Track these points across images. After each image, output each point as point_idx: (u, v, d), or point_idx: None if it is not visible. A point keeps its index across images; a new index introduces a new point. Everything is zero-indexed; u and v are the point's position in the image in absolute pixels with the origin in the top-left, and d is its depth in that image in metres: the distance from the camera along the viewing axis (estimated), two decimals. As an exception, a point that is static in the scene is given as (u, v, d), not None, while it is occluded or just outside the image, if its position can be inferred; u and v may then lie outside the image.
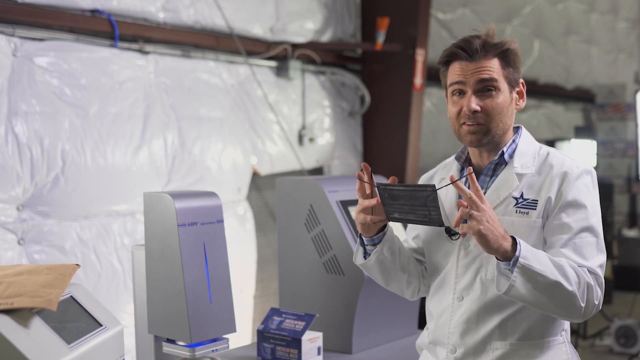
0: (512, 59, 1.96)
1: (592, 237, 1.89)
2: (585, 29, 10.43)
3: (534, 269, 1.76)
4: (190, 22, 4.65)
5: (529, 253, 1.78)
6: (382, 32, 5.52)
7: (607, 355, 6.30)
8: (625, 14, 11.73)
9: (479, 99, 1.92)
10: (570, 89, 10.07)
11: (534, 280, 1.77)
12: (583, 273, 1.84)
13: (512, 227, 1.90)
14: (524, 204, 1.91)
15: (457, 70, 1.95)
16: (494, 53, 1.93)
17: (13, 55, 3.70)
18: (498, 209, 1.93)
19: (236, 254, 4.87)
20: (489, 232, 1.75)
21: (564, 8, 9.84)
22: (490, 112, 1.92)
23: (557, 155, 1.98)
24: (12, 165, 3.65)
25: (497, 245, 1.76)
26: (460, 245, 1.98)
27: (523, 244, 1.79)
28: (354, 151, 6.05)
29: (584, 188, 1.92)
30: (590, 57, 10.60)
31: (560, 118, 9.93)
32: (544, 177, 1.94)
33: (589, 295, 1.83)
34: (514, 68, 1.97)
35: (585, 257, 1.86)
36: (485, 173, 2.01)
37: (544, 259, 1.80)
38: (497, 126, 1.94)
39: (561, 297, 1.80)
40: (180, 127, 4.56)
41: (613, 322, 6.25)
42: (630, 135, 10.08)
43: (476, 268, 1.95)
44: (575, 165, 1.94)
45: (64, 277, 1.97)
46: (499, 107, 1.93)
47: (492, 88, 1.93)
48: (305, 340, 2.52)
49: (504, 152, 1.98)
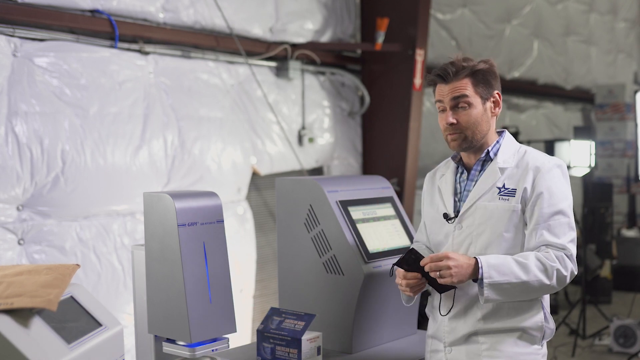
0: (481, 77, 2.36)
1: (563, 218, 2.30)
2: (584, 29, 10.44)
3: (498, 282, 2.21)
4: (190, 22, 4.65)
5: (492, 269, 2.21)
6: (381, 32, 5.52)
7: (606, 355, 6.30)
8: (625, 14, 11.73)
9: (454, 114, 2.35)
10: (570, 89, 10.08)
11: (502, 288, 2.22)
12: (548, 258, 2.23)
13: (496, 210, 2.32)
14: (505, 192, 2.34)
15: (438, 92, 2.39)
16: (464, 75, 2.34)
17: (13, 56, 3.70)
18: (485, 196, 2.35)
19: (236, 254, 4.87)
20: (458, 275, 2.21)
21: (564, 8, 9.85)
22: (465, 124, 2.34)
23: (533, 153, 2.40)
24: (12, 165, 3.65)
25: (468, 276, 2.23)
26: (455, 225, 2.39)
27: (484, 263, 2.21)
28: (354, 151, 6.06)
29: (555, 179, 2.32)
30: (589, 57, 10.61)
31: (559, 118, 9.93)
32: (522, 170, 2.35)
33: (558, 273, 2.23)
34: (484, 84, 2.36)
35: (558, 235, 2.28)
36: (475, 168, 2.42)
37: (507, 266, 2.22)
38: (473, 133, 2.35)
39: (531, 288, 2.24)
40: (180, 127, 4.56)
41: (612, 322, 6.26)
42: (630, 136, 10.08)
43: (467, 244, 2.36)
44: (547, 160, 2.35)
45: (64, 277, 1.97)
46: (472, 118, 2.35)
47: (464, 104, 2.34)
48: (305, 340, 2.52)
49: (489, 151, 2.40)
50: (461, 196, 2.42)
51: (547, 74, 9.35)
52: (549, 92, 9.53)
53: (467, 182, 2.42)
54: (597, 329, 6.74)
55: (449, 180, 2.45)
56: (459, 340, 2.36)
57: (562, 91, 9.90)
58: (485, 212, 2.33)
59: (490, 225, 2.32)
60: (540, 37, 9.18)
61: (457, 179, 2.46)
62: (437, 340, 2.43)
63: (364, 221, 2.88)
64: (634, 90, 10.16)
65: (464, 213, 2.37)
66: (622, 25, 11.69)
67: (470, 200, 2.37)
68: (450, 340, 2.38)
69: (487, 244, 2.32)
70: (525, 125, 8.76)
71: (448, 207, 2.42)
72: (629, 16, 11.89)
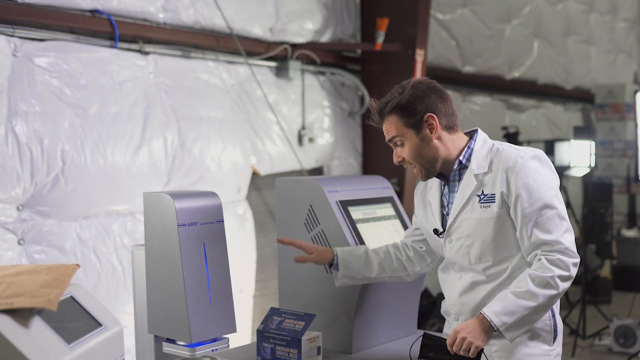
0: (406, 109, 2.29)
1: (550, 211, 2.21)
2: (584, 29, 10.44)
3: (512, 322, 2.17)
4: (190, 22, 4.65)
5: (501, 315, 2.17)
6: (381, 32, 5.52)
7: (606, 355, 6.30)
8: (625, 14, 11.73)
9: (398, 152, 2.36)
10: (570, 89, 10.08)
11: (519, 324, 2.19)
12: (542, 270, 2.17)
13: (480, 220, 2.28)
14: (485, 199, 2.27)
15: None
16: (387, 113, 2.32)
17: (13, 56, 3.70)
18: (467, 207, 2.30)
19: (236, 254, 4.87)
20: (476, 337, 2.15)
21: (563, 8, 9.85)
22: (408, 158, 2.34)
23: (505, 150, 2.29)
24: (12, 165, 3.65)
25: (485, 331, 2.17)
26: (446, 240, 2.38)
27: (491, 315, 2.17)
28: (354, 151, 6.06)
29: (532, 172, 2.22)
30: (589, 57, 10.61)
31: (559, 118, 9.93)
32: (495, 173, 2.27)
33: (560, 278, 2.18)
34: (410, 115, 2.29)
35: (550, 230, 2.20)
36: (453, 179, 2.37)
37: (513, 303, 2.17)
38: (423, 162, 2.32)
39: (544, 306, 2.21)
40: (180, 127, 4.56)
41: (612, 322, 6.26)
42: (630, 136, 10.08)
43: (462, 255, 2.34)
44: (520, 156, 2.24)
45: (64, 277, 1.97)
46: (412, 151, 2.32)
47: (399, 142, 2.35)
48: (304, 340, 2.52)
49: (461, 161, 2.33)
50: (448, 209, 2.40)
51: (547, 74, 9.35)
52: (549, 92, 9.52)
53: (450, 194, 2.40)
54: (597, 329, 6.74)
55: (435, 194, 2.44)
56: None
57: (562, 91, 9.90)
58: (470, 223, 2.30)
59: (478, 235, 2.29)
60: (540, 37, 9.18)
61: (442, 191, 2.44)
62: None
63: (364, 221, 2.88)
64: (634, 90, 10.16)
65: (450, 227, 2.36)
66: (622, 25, 11.69)
67: (453, 214, 2.35)
68: None
69: (480, 253, 2.30)
70: (525, 125, 8.76)
71: (436, 222, 2.42)
72: (629, 16, 11.89)
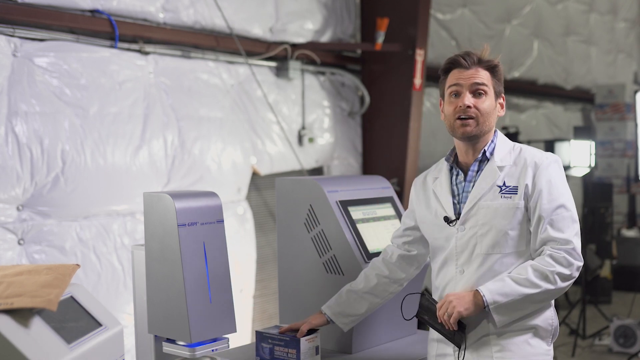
0: (498, 74, 2.41)
1: (566, 212, 2.29)
2: (584, 29, 10.44)
3: (503, 303, 2.23)
4: (190, 22, 4.65)
5: (495, 294, 2.23)
6: (381, 32, 5.52)
7: (606, 355, 6.30)
8: (625, 14, 11.73)
9: (473, 98, 2.34)
10: (570, 89, 10.08)
11: (510, 308, 2.24)
12: (545, 264, 2.23)
13: (499, 209, 2.31)
14: (507, 190, 2.33)
15: (456, 75, 2.37)
16: (485, 66, 2.38)
17: (13, 56, 3.70)
18: (487, 195, 2.33)
19: (236, 254, 4.87)
20: (461, 304, 2.24)
21: (563, 8, 9.85)
22: (480, 109, 2.34)
23: (529, 150, 2.40)
24: (12, 165, 3.65)
25: (472, 305, 2.24)
26: (458, 228, 2.36)
27: (485, 291, 2.24)
28: (354, 151, 6.06)
29: (554, 174, 2.33)
30: (589, 57, 10.61)
31: (559, 118, 9.93)
32: (520, 167, 2.35)
33: (560, 275, 2.23)
34: (499, 81, 2.41)
35: (562, 230, 2.27)
36: (472, 169, 2.40)
37: (508, 286, 2.23)
38: (484, 122, 2.35)
39: (539, 298, 2.25)
40: (180, 127, 4.56)
41: (612, 322, 6.26)
42: (630, 136, 10.08)
43: (473, 245, 2.33)
44: (544, 156, 2.36)
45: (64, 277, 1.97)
46: (488, 107, 2.35)
47: (482, 92, 2.35)
48: (303, 340, 2.52)
49: (485, 151, 2.39)
50: (460, 198, 2.39)
51: (547, 74, 9.35)
52: (549, 92, 9.52)
53: (465, 183, 2.39)
54: (597, 329, 6.74)
55: (444, 183, 2.42)
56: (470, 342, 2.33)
57: (562, 91, 9.90)
58: (489, 212, 2.31)
59: (495, 224, 2.30)
60: (540, 37, 9.18)
61: (453, 181, 2.42)
62: (444, 344, 2.39)
63: (364, 221, 2.88)
64: (634, 90, 10.15)
65: (466, 214, 2.33)
66: (622, 25, 11.69)
67: (471, 201, 2.33)
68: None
69: (493, 243, 2.30)
70: (525, 125, 8.76)
71: (447, 210, 2.39)
72: (629, 16, 11.89)
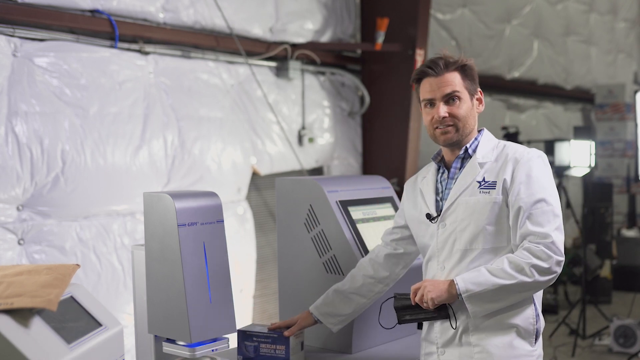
0: (469, 73, 2.40)
1: (546, 206, 2.26)
2: (584, 29, 10.44)
3: (476, 292, 2.23)
4: (190, 22, 4.65)
5: (468, 283, 2.24)
6: (381, 32, 5.52)
7: (606, 355, 6.30)
8: (625, 14, 11.73)
9: (446, 107, 2.36)
10: (570, 89, 10.08)
11: (482, 297, 2.24)
12: (521, 256, 2.21)
13: (477, 204, 2.33)
14: (485, 185, 2.34)
15: (427, 86, 2.39)
16: (453, 68, 2.38)
17: (13, 55, 3.70)
18: (466, 191, 2.35)
19: (236, 254, 4.87)
20: (434, 290, 2.27)
21: (563, 8, 9.85)
22: (457, 115, 2.36)
23: (512, 146, 2.41)
24: (12, 165, 3.65)
25: (446, 292, 2.27)
26: (439, 224, 2.40)
27: (459, 279, 2.25)
28: (354, 151, 6.06)
29: (534, 168, 2.31)
30: (589, 57, 10.61)
31: (559, 118, 9.93)
32: (501, 163, 2.36)
33: (537, 268, 2.20)
34: (471, 80, 2.40)
35: (542, 224, 2.24)
36: (455, 166, 2.43)
37: (483, 276, 2.23)
38: (463, 127, 2.38)
39: (514, 290, 2.23)
40: (180, 127, 4.56)
41: (612, 322, 6.26)
42: (630, 136, 10.08)
43: (452, 240, 2.36)
44: (527, 151, 2.35)
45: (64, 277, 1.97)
46: (464, 111, 2.37)
47: (456, 97, 2.37)
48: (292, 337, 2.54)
49: (467, 148, 2.41)
50: (443, 195, 2.43)
51: (547, 74, 9.35)
52: (549, 92, 9.53)
53: (448, 180, 2.43)
54: (597, 329, 6.74)
55: (430, 181, 2.47)
56: (451, 340, 2.35)
57: (562, 91, 9.90)
58: (467, 207, 2.33)
59: (473, 220, 2.31)
60: (540, 37, 9.18)
61: (438, 179, 2.46)
62: (430, 343, 2.43)
63: (364, 221, 2.88)
64: (634, 90, 10.16)
65: (446, 210, 2.37)
66: (622, 25, 11.69)
67: (451, 197, 2.37)
68: (443, 341, 2.37)
69: (471, 238, 2.32)
70: (525, 125, 8.76)
71: (430, 207, 2.43)
72: (629, 16, 11.89)
